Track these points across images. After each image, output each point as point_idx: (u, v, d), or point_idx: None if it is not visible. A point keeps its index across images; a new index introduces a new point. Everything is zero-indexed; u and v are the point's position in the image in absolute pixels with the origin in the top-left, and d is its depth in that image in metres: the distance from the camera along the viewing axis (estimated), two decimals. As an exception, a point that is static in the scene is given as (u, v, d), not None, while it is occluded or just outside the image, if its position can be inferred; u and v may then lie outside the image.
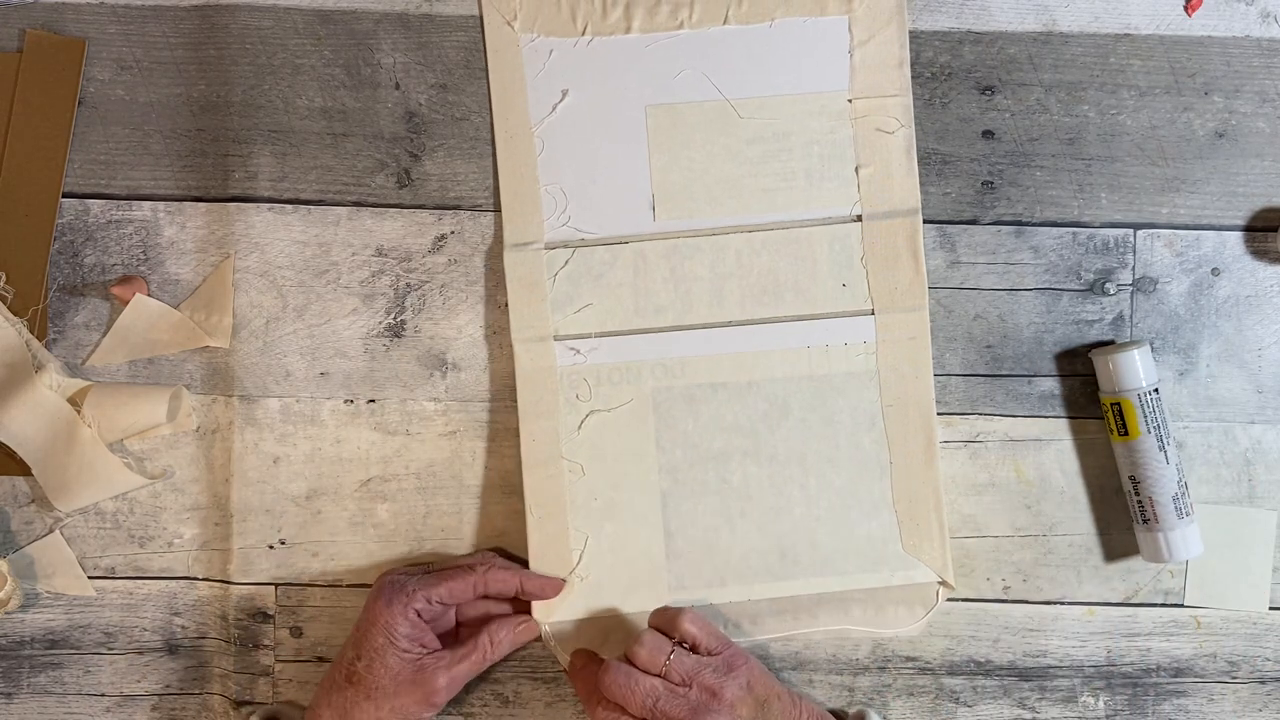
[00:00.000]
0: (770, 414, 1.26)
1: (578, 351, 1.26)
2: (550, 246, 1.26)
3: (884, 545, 1.26)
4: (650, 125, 1.26)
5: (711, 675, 1.17)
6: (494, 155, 1.27)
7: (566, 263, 1.25)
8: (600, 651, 1.25)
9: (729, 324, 1.26)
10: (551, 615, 1.26)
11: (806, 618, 1.26)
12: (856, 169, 1.25)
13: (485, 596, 1.24)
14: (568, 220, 1.26)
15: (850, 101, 1.26)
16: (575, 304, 1.26)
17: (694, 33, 1.26)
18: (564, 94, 1.26)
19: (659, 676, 1.16)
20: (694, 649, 1.19)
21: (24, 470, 1.27)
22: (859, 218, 1.26)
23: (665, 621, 1.21)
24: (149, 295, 1.27)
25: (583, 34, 1.26)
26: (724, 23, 1.25)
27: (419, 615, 1.19)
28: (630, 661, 1.18)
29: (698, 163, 1.26)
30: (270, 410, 1.27)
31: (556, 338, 1.26)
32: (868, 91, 1.26)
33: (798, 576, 1.26)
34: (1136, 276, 1.27)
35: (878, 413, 1.26)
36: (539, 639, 1.26)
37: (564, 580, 1.25)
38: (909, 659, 1.27)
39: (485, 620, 1.24)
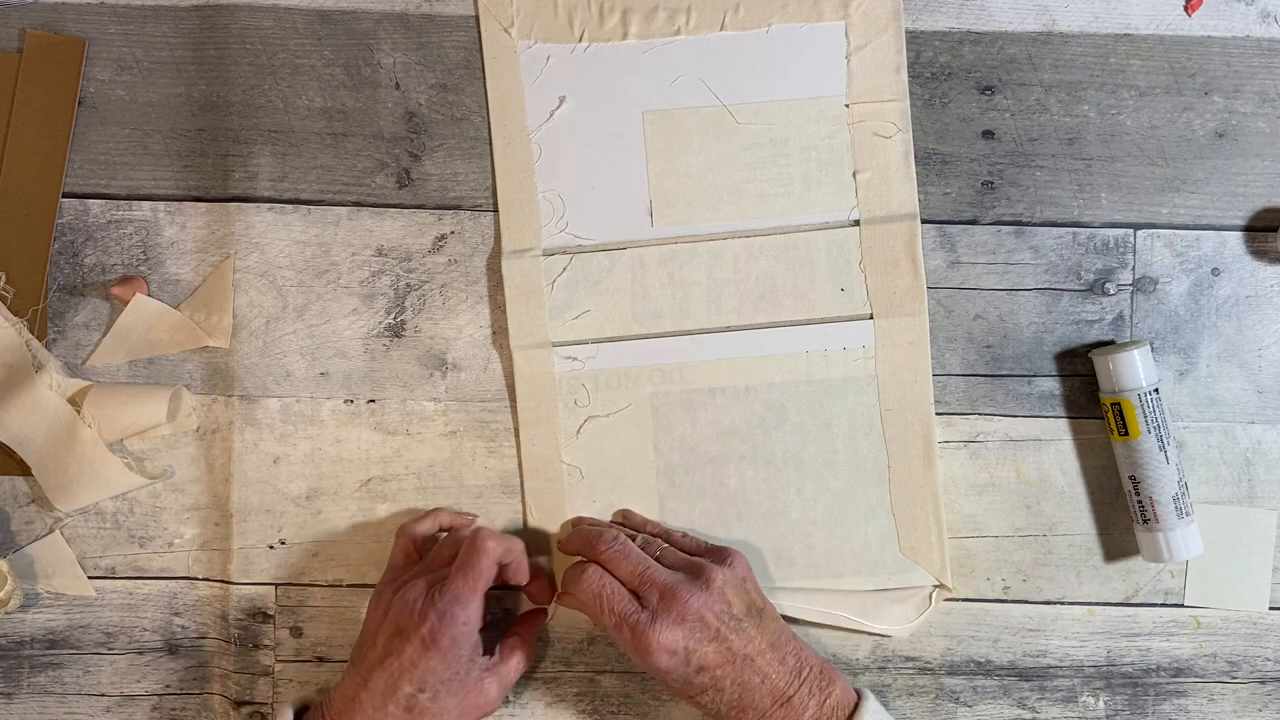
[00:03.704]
0: (768, 418, 1.26)
1: (576, 359, 1.26)
2: (548, 253, 1.26)
3: (880, 549, 1.26)
4: (648, 131, 1.26)
5: (705, 559, 1.18)
6: (491, 160, 1.27)
7: (564, 269, 1.26)
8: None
9: (727, 329, 1.26)
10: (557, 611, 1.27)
11: (804, 600, 1.26)
12: (854, 174, 1.25)
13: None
14: (565, 226, 1.26)
15: (847, 106, 1.25)
16: (573, 310, 1.26)
17: (691, 39, 1.26)
18: (561, 100, 1.26)
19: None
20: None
21: (24, 470, 1.27)
22: (857, 223, 1.26)
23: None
24: (149, 295, 1.27)
25: (580, 40, 1.26)
26: (721, 29, 1.25)
27: (477, 636, 1.18)
28: None
29: (695, 168, 1.26)
30: (270, 410, 1.28)
31: (555, 345, 1.26)
32: (865, 96, 1.25)
33: (793, 579, 1.26)
34: (1136, 276, 1.27)
35: (876, 417, 1.26)
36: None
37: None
38: (909, 659, 1.28)
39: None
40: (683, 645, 1.13)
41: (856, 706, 1.16)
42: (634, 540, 1.20)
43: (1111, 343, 1.26)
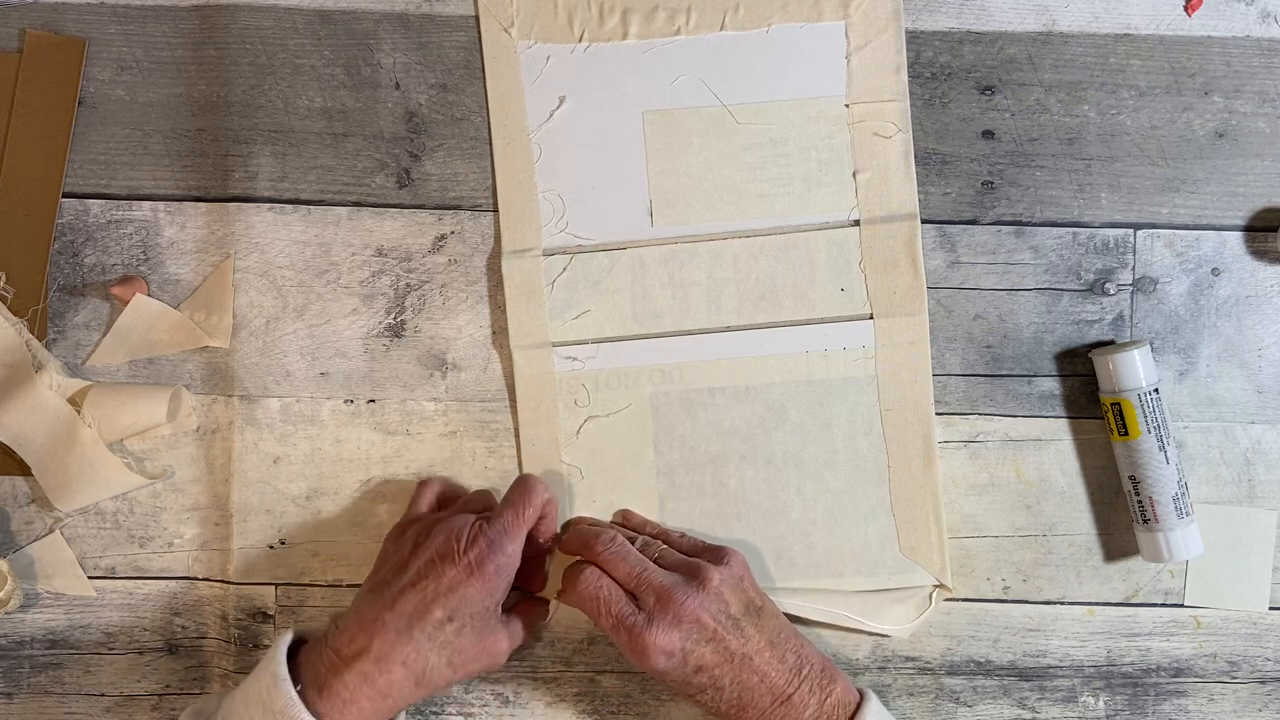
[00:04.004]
0: (768, 418, 1.26)
1: (576, 359, 1.26)
2: (548, 253, 1.26)
3: (881, 549, 1.26)
4: (648, 131, 1.26)
5: (702, 559, 1.18)
6: (491, 160, 1.27)
7: (565, 269, 1.26)
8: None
9: (727, 329, 1.26)
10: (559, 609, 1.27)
11: (803, 599, 1.26)
12: (854, 174, 1.25)
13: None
14: (565, 226, 1.26)
15: (847, 106, 1.25)
16: (573, 310, 1.26)
17: (691, 39, 1.26)
18: (561, 100, 1.26)
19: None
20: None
21: (24, 470, 1.27)
22: (857, 223, 1.26)
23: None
24: (149, 295, 1.27)
25: (580, 40, 1.26)
26: (721, 29, 1.25)
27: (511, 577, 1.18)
28: None
29: (695, 168, 1.26)
30: (270, 410, 1.28)
31: (555, 345, 1.26)
32: (865, 96, 1.25)
33: (793, 579, 1.26)
34: (1136, 276, 1.27)
35: (876, 417, 1.26)
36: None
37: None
38: (909, 659, 1.28)
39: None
40: (679, 647, 1.14)
41: (859, 706, 1.16)
42: (633, 542, 1.20)
43: (1111, 343, 1.26)
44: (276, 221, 1.27)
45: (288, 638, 1.16)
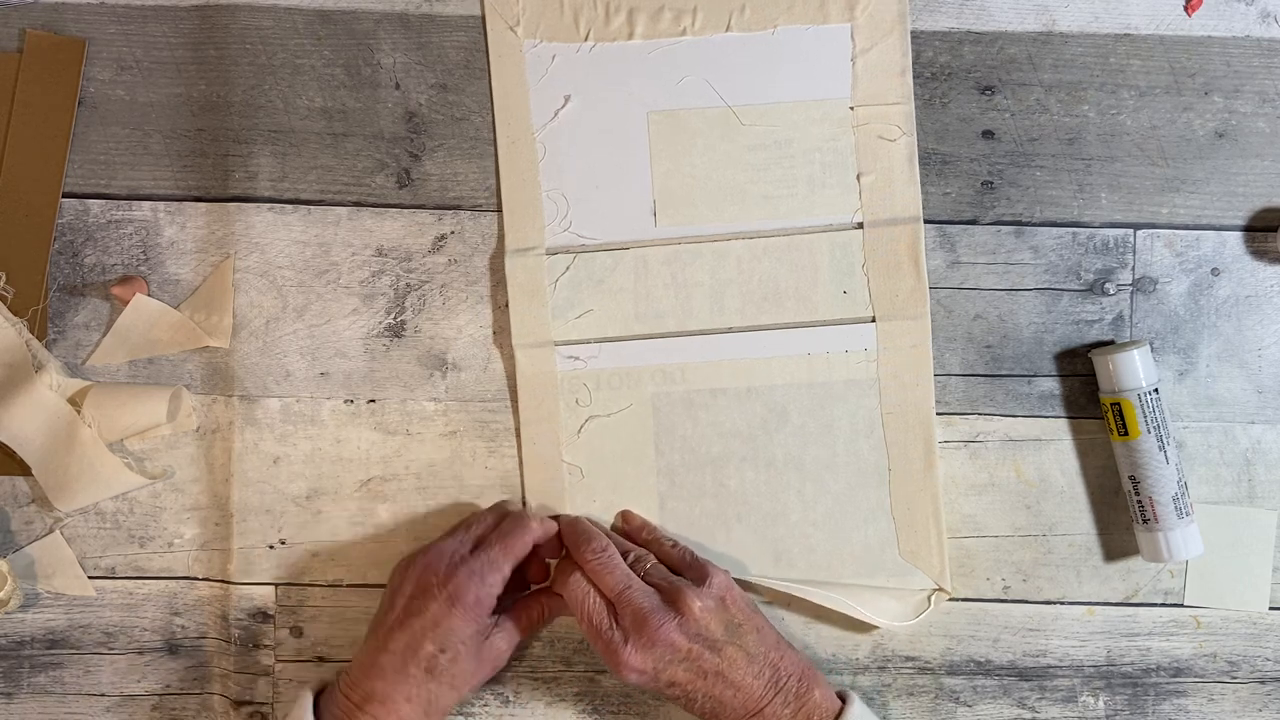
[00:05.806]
0: (769, 420, 1.26)
1: (578, 358, 1.26)
2: (551, 252, 1.26)
3: (880, 551, 1.26)
4: (652, 131, 1.26)
5: (686, 582, 1.18)
6: (495, 159, 1.27)
7: (568, 269, 1.26)
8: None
9: (729, 330, 1.26)
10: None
11: (800, 586, 1.26)
12: (858, 176, 1.25)
13: None
14: (569, 226, 1.26)
15: (852, 109, 1.25)
16: (576, 310, 1.26)
17: (696, 39, 1.26)
18: (566, 100, 1.26)
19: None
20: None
21: (24, 470, 1.27)
22: (860, 225, 1.26)
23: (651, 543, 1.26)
24: (149, 295, 1.26)
25: (585, 40, 1.26)
26: (726, 30, 1.25)
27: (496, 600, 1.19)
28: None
29: (699, 169, 1.26)
30: (270, 410, 1.27)
31: (557, 344, 1.26)
32: (869, 99, 1.25)
33: (793, 580, 1.26)
34: (1136, 276, 1.27)
35: (877, 420, 1.26)
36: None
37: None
38: (909, 659, 1.28)
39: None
40: (651, 667, 1.15)
41: (840, 713, 1.17)
42: (627, 555, 1.21)
43: (1111, 343, 1.26)
44: (276, 221, 1.27)
45: (309, 695, 1.18)
